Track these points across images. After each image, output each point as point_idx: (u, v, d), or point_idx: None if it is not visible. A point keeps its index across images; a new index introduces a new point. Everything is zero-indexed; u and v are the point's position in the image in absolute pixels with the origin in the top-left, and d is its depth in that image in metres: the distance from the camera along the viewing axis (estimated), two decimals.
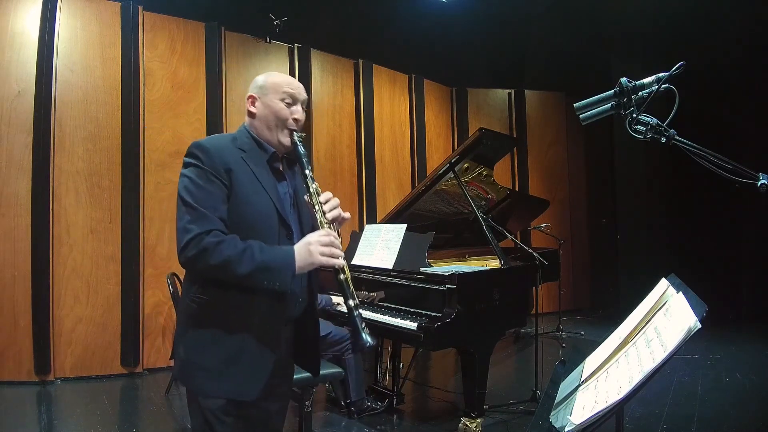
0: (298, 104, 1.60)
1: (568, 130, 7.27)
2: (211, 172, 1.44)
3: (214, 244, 1.38)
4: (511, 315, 3.10)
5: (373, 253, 3.31)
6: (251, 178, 1.50)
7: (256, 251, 1.41)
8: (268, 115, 1.57)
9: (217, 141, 1.53)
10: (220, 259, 1.37)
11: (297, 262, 1.44)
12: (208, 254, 1.37)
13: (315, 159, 5.45)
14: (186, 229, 1.39)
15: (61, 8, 4.19)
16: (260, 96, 1.58)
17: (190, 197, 1.42)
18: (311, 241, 1.46)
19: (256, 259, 1.40)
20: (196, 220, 1.40)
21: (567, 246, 6.40)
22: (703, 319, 0.99)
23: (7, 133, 4.01)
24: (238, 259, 1.38)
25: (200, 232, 1.38)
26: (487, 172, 3.82)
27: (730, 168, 1.18)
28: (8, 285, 3.97)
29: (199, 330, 1.47)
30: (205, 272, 1.43)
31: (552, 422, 1.20)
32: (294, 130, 1.58)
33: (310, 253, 1.44)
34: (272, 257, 1.42)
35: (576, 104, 1.35)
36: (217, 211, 1.43)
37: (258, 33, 5.15)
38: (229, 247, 1.39)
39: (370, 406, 3.37)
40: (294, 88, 1.59)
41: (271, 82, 1.59)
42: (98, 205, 4.28)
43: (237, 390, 1.46)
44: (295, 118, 1.58)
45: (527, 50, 7.02)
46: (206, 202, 1.42)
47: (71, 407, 3.64)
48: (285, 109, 1.57)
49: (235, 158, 1.49)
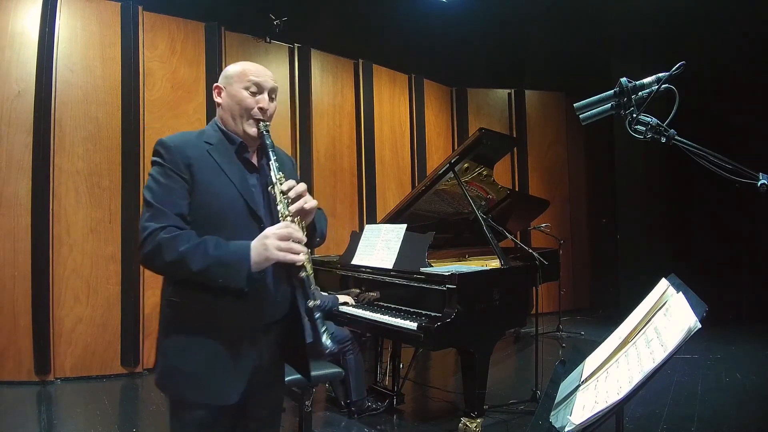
0: (264, 93, 1.54)
1: (568, 130, 7.27)
2: (171, 168, 1.41)
3: (168, 240, 1.34)
4: (511, 315, 3.09)
5: (373, 253, 3.31)
6: (215, 169, 1.46)
7: (210, 246, 1.36)
8: (232, 105, 1.52)
9: (180, 137, 1.50)
10: (174, 254, 1.33)
11: (252, 258, 1.36)
12: (163, 250, 1.34)
13: (315, 159, 5.45)
14: (143, 226, 1.38)
15: (61, 8, 4.19)
16: (225, 86, 1.54)
17: (150, 195, 1.41)
18: (267, 235, 1.38)
19: (209, 255, 1.35)
20: (153, 217, 1.37)
21: (567, 246, 6.40)
22: (703, 319, 0.99)
23: (7, 133, 4.01)
24: (191, 255, 1.34)
25: (155, 228, 1.35)
26: (487, 172, 3.82)
27: (730, 168, 1.18)
28: (8, 285, 3.97)
29: (175, 334, 1.44)
30: (161, 270, 1.41)
31: (552, 422, 1.20)
32: (260, 119, 1.52)
33: (266, 248, 1.36)
34: (226, 252, 1.37)
35: (576, 104, 1.35)
36: (175, 207, 1.39)
37: (258, 33, 5.15)
38: (183, 242, 1.35)
39: (370, 406, 3.37)
40: (259, 75, 1.53)
41: (237, 71, 1.54)
42: (98, 205, 4.28)
43: (216, 395, 1.41)
44: (261, 107, 1.52)
45: (527, 50, 7.02)
46: (164, 198, 1.39)
47: (71, 407, 3.64)
48: (249, 97, 1.52)
49: (198, 152, 1.46)
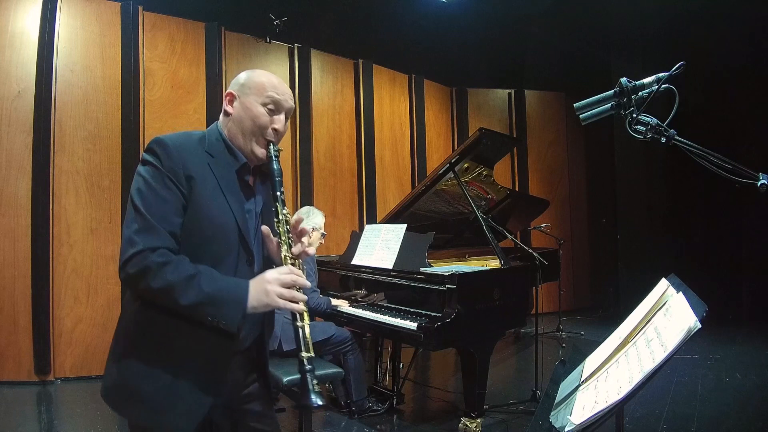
0: (282, 113, 1.39)
1: (568, 130, 7.27)
2: (169, 177, 1.26)
3: (158, 265, 1.21)
4: (511, 315, 3.09)
5: (372, 253, 3.31)
6: (215, 188, 1.31)
7: (203, 281, 1.23)
8: (245, 118, 1.37)
9: (182, 140, 1.33)
10: (162, 283, 1.21)
11: (250, 301, 1.26)
12: (150, 276, 1.20)
13: (315, 159, 5.45)
14: (131, 240, 1.22)
15: (61, 8, 4.19)
16: (240, 95, 1.39)
17: (141, 202, 1.25)
18: (270, 280, 1.27)
19: (202, 290, 1.22)
20: (142, 232, 1.22)
21: (567, 246, 6.40)
22: (703, 319, 0.99)
23: (7, 133, 4.01)
24: (182, 287, 1.21)
25: (145, 248, 1.21)
26: (487, 172, 3.82)
27: (730, 168, 1.18)
28: (8, 285, 3.97)
29: (136, 353, 1.29)
30: (144, 294, 1.26)
31: (552, 422, 1.20)
32: (271, 141, 1.38)
33: (267, 294, 1.27)
34: (221, 290, 1.25)
35: (576, 104, 1.35)
36: (168, 224, 1.25)
37: (258, 33, 5.15)
38: (174, 271, 1.22)
39: (370, 406, 3.37)
40: (280, 93, 1.39)
41: (256, 82, 1.39)
42: (98, 205, 4.28)
43: (170, 425, 1.29)
44: (275, 128, 1.38)
45: (527, 50, 7.02)
46: (158, 210, 1.24)
47: (71, 407, 3.64)
48: (266, 115, 1.37)
49: (199, 163, 1.31)
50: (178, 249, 1.27)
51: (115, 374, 1.31)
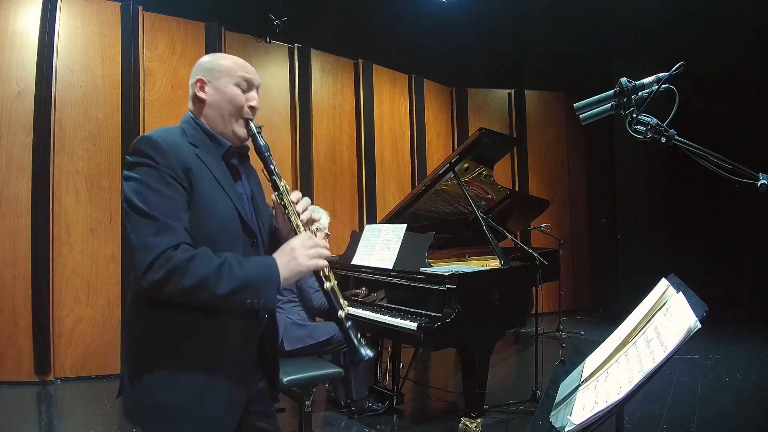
0: (254, 90, 1.41)
1: (568, 130, 7.27)
2: (169, 174, 1.21)
3: (184, 261, 1.15)
4: (511, 315, 3.09)
5: (372, 253, 3.31)
6: (210, 178, 1.29)
7: (234, 266, 1.20)
8: (221, 102, 1.35)
9: (169, 135, 1.30)
10: (194, 279, 1.15)
11: (282, 273, 1.25)
12: (180, 274, 1.14)
13: (315, 159, 5.45)
14: (147, 246, 1.15)
15: (61, 8, 4.19)
16: (210, 80, 1.37)
17: (145, 205, 1.18)
18: (295, 247, 1.28)
19: (236, 276, 1.19)
20: (159, 233, 1.16)
21: (567, 246, 6.40)
22: (703, 319, 0.99)
23: (7, 133, 4.01)
24: (216, 278, 1.17)
25: (167, 248, 1.15)
26: (487, 172, 3.82)
27: (730, 168, 1.18)
28: (8, 285, 3.97)
29: (160, 365, 1.24)
30: (175, 296, 1.17)
31: (552, 422, 1.20)
32: (249, 119, 1.39)
33: (296, 260, 1.26)
34: (254, 271, 1.23)
35: (576, 104, 1.35)
36: (180, 221, 1.20)
37: (258, 33, 5.15)
38: (203, 263, 1.17)
39: (370, 406, 3.37)
40: (249, 71, 1.40)
41: (223, 65, 1.38)
42: (98, 205, 4.28)
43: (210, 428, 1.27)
44: (252, 105, 1.39)
45: (527, 50, 7.02)
46: (167, 210, 1.18)
47: (71, 407, 3.64)
48: (241, 95, 1.37)
49: (190, 156, 1.28)
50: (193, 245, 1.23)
51: (138, 392, 1.25)
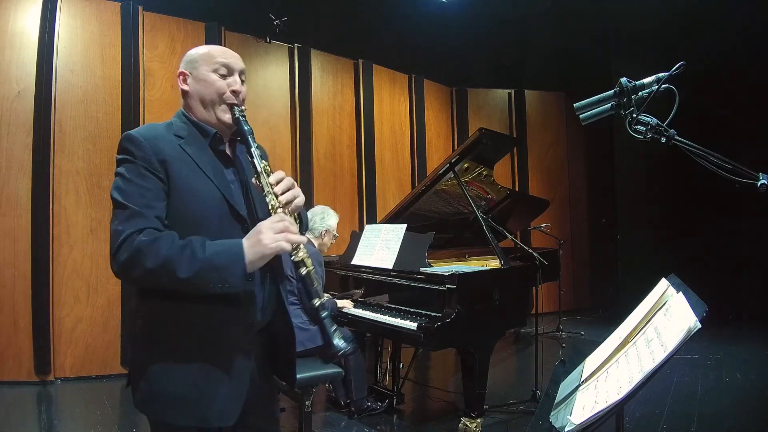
0: (235, 74, 1.42)
1: (568, 130, 7.27)
2: (144, 166, 1.26)
3: (148, 243, 1.19)
4: (511, 315, 3.10)
5: (372, 253, 3.31)
6: (191, 166, 1.31)
7: (197, 247, 1.21)
8: (201, 90, 1.39)
9: (149, 130, 1.34)
10: (158, 260, 1.18)
11: (247, 256, 1.24)
12: (143, 255, 1.18)
13: (315, 159, 5.45)
14: (116, 230, 1.21)
15: (61, 8, 4.19)
16: (191, 71, 1.41)
17: (121, 196, 1.24)
18: (261, 230, 1.26)
19: (198, 257, 1.20)
20: (127, 219, 1.21)
21: (567, 246, 6.40)
22: (703, 319, 0.99)
23: (7, 133, 4.01)
24: (178, 259, 1.19)
25: (132, 232, 1.20)
26: (487, 172, 3.82)
27: (730, 168, 1.18)
28: (8, 285, 3.97)
29: (158, 355, 1.28)
30: (141, 279, 1.23)
31: (552, 422, 1.20)
32: (234, 104, 1.39)
33: (261, 243, 1.24)
34: (218, 252, 1.22)
35: (576, 104, 1.35)
36: (152, 209, 1.24)
37: (258, 33, 5.15)
38: (165, 245, 1.20)
39: (370, 406, 3.37)
40: (228, 57, 1.43)
41: (202, 54, 1.42)
42: (98, 205, 4.28)
43: (215, 415, 1.28)
44: (234, 90, 1.40)
45: (527, 50, 7.02)
46: (139, 199, 1.24)
47: (71, 407, 3.64)
48: (220, 80, 1.39)
49: (171, 147, 1.31)
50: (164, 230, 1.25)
51: (142, 383, 1.30)
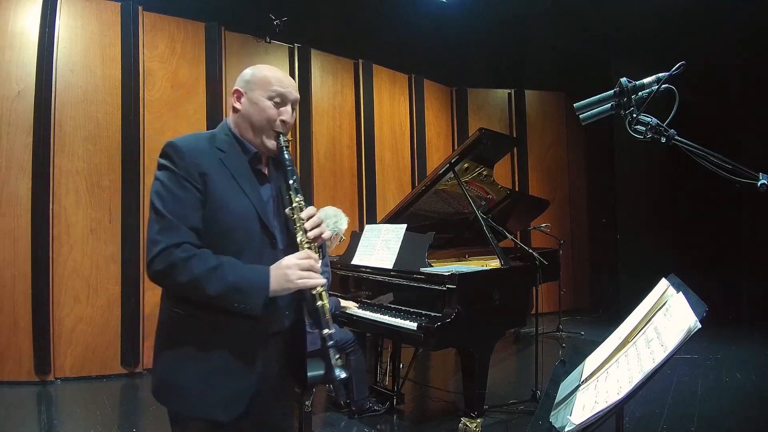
0: (288, 105, 1.47)
1: (568, 130, 7.27)
2: (184, 177, 1.34)
3: (182, 260, 1.29)
4: (511, 315, 3.10)
5: (372, 253, 3.31)
6: (230, 181, 1.39)
7: (227, 270, 1.31)
8: (253, 113, 1.44)
9: (193, 141, 1.41)
10: (189, 277, 1.28)
11: (271, 285, 1.34)
12: (176, 271, 1.28)
13: (315, 159, 5.45)
14: (154, 240, 1.30)
15: (61, 8, 4.19)
16: (246, 91, 1.46)
17: (160, 203, 1.33)
18: (289, 264, 1.36)
19: (227, 279, 1.30)
20: (165, 231, 1.30)
21: (567, 246, 6.40)
22: (703, 319, 0.99)
23: (7, 133, 4.01)
24: (207, 278, 1.29)
25: (169, 245, 1.29)
26: (487, 172, 3.82)
27: (730, 168, 1.18)
28: (8, 285, 3.97)
29: (175, 346, 1.38)
30: (173, 290, 1.36)
31: (552, 422, 1.20)
32: (280, 132, 1.46)
33: (287, 277, 1.35)
34: (245, 278, 1.33)
35: (576, 104, 1.35)
36: (188, 221, 1.33)
37: (258, 33, 5.15)
38: (199, 263, 1.29)
39: (371, 406, 3.37)
40: (285, 86, 1.46)
41: (260, 77, 1.46)
42: (98, 205, 4.28)
43: (214, 410, 1.35)
44: (283, 120, 1.45)
45: (527, 50, 7.02)
46: (177, 210, 1.32)
47: (71, 407, 3.64)
48: (273, 108, 1.44)
49: (211, 160, 1.39)
50: (199, 243, 1.34)
51: (158, 369, 1.41)
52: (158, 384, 1.41)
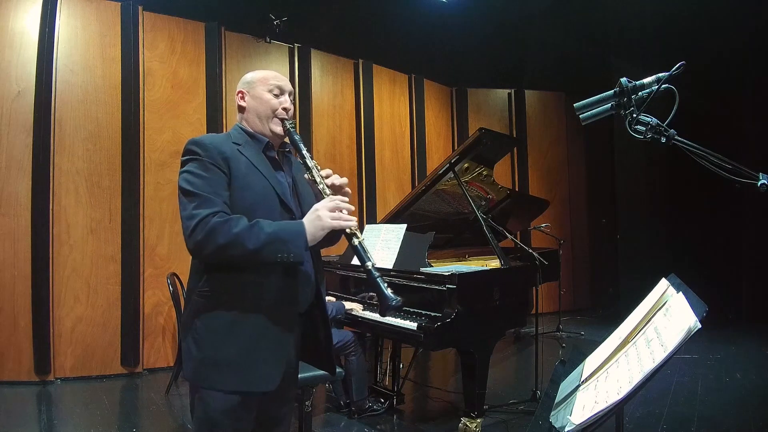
0: (286, 94, 1.67)
1: (568, 130, 7.27)
2: (210, 162, 1.48)
3: (221, 224, 1.40)
4: (511, 315, 3.09)
5: (372, 253, 3.30)
6: (248, 164, 1.54)
7: (264, 225, 1.44)
8: (257, 106, 1.63)
9: (212, 136, 1.59)
10: (229, 236, 1.39)
11: (308, 230, 1.47)
12: (217, 233, 1.39)
13: (315, 159, 5.43)
14: (191, 215, 1.42)
15: (61, 8, 4.19)
16: (248, 90, 1.66)
17: (191, 186, 1.45)
18: (318, 208, 1.50)
19: (266, 231, 1.42)
20: (200, 205, 1.42)
21: (567, 246, 6.40)
22: (703, 319, 0.99)
23: (7, 133, 4.01)
24: (247, 235, 1.40)
25: (207, 214, 1.41)
26: (487, 172, 3.82)
27: (730, 168, 1.18)
28: (8, 285, 3.97)
29: (210, 324, 1.47)
30: (214, 254, 1.43)
31: (552, 422, 1.20)
32: (284, 118, 1.64)
33: (320, 218, 1.48)
34: (282, 228, 1.46)
35: (576, 104, 1.35)
36: (220, 196, 1.46)
37: (258, 33, 5.15)
38: (237, 224, 1.41)
39: (370, 406, 3.37)
40: (280, 80, 1.67)
41: (259, 77, 1.67)
42: (98, 205, 4.28)
43: (257, 382, 1.46)
44: (285, 107, 1.65)
45: (527, 50, 7.01)
46: (208, 188, 1.45)
47: (71, 407, 3.64)
48: (273, 99, 1.64)
49: (231, 149, 1.54)
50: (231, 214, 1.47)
51: (194, 351, 1.48)
52: (198, 365, 1.47)
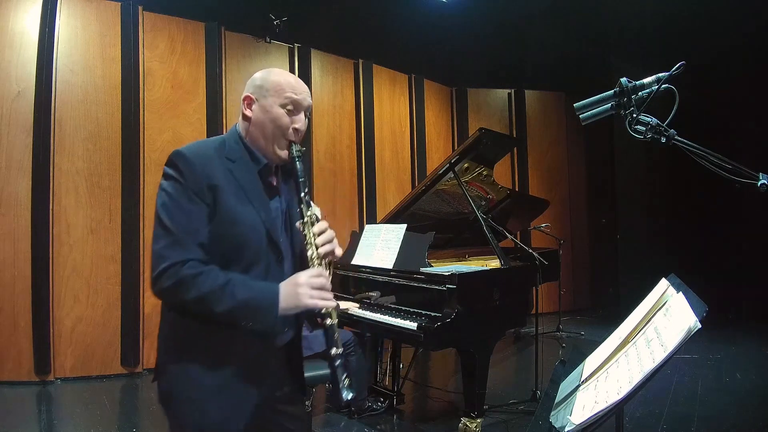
0: (302, 112, 1.40)
1: (568, 130, 7.27)
2: (193, 190, 1.28)
3: (190, 277, 1.24)
4: (511, 315, 3.09)
5: (372, 253, 3.31)
6: (239, 194, 1.33)
7: (237, 287, 1.27)
8: (265, 121, 1.37)
9: (201, 150, 1.35)
10: (196, 294, 1.24)
11: (281, 303, 1.30)
12: (185, 288, 1.24)
13: (315, 159, 5.45)
14: (161, 255, 1.26)
15: (61, 8, 4.19)
16: (258, 98, 1.38)
17: (167, 217, 1.27)
18: (300, 283, 1.32)
19: (236, 297, 1.26)
20: (172, 246, 1.26)
21: (567, 246, 6.39)
22: (703, 319, 0.99)
23: (7, 133, 4.01)
24: (216, 296, 1.25)
25: (176, 262, 1.24)
26: (487, 172, 3.82)
27: (730, 168, 1.18)
28: (8, 285, 3.97)
29: (184, 360, 1.34)
30: (181, 306, 1.30)
31: (552, 422, 1.20)
32: (293, 141, 1.39)
33: (298, 296, 1.31)
34: (254, 296, 1.29)
35: (576, 104, 1.35)
36: (196, 236, 1.28)
37: (258, 33, 5.15)
38: (207, 281, 1.25)
39: (370, 406, 3.37)
40: (298, 93, 1.38)
41: (273, 83, 1.38)
42: (98, 205, 4.28)
43: (218, 424, 1.33)
44: (296, 128, 1.39)
45: (527, 50, 7.01)
46: (185, 225, 1.27)
47: (71, 407, 3.64)
48: (285, 117, 1.37)
49: (221, 171, 1.32)
50: (207, 259, 1.29)
51: (165, 382, 1.37)
52: (166, 396, 1.37)
